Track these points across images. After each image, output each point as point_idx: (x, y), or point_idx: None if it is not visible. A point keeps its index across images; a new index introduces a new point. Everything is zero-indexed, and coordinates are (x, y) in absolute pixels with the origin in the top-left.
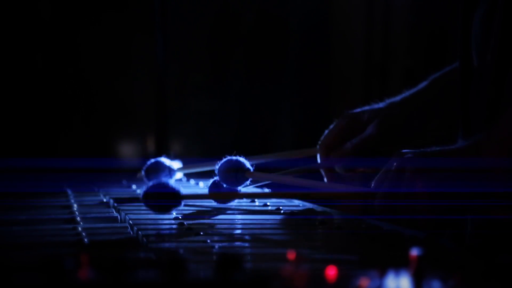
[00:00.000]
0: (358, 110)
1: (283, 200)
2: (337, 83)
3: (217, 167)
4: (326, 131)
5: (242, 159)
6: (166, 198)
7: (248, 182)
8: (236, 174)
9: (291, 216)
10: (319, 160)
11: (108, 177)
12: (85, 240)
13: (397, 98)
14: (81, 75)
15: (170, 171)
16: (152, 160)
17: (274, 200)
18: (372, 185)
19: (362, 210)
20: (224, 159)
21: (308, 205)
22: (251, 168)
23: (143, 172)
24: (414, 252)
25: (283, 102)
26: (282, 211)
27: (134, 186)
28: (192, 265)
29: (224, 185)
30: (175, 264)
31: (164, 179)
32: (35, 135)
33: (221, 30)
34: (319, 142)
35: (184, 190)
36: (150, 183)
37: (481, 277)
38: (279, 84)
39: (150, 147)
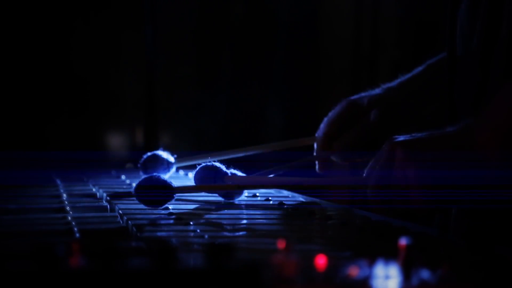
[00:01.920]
0: (357, 96)
1: (271, 191)
2: (326, 74)
3: (193, 175)
4: (325, 120)
5: (217, 164)
6: (158, 191)
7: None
8: (215, 180)
9: (281, 206)
10: (315, 150)
11: (98, 168)
12: (75, 229)
13: (393, 83)
14: (70, 68)
15: (168, 164)
16: (149, 153)
17: (262, 191)
18: (365, 174)
19: (351, 200)
20: (200, 166)
21: (297, 196)
22: (228, 172)
23: (140, 165)
24: (403, 241)
25: (272, 93)
26: (271, 202)
27: (123, 177)
28: (182, 254)
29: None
30: (165, 253)
31: (155, 173)
32: (25, 127)
33: (209, 22)
34: (319, 132)
35: (174, 182)
36: (142, 178)
37: (470, 267)
38: (268, 76)
39: (139, 139)
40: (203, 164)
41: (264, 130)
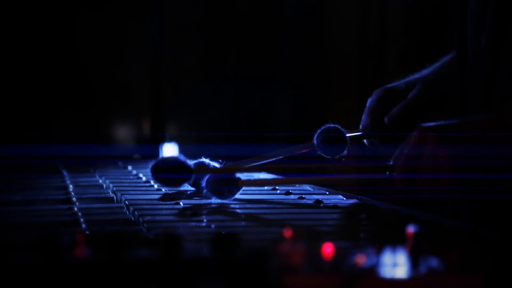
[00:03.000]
0: (393, 84)
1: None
2: (333, 63)
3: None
4: (366, 110)
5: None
6: (176, 171)
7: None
8: (228, 186)
9: (288, 195)
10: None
11: (104, 160)
12: (81, 220)
13: (425, 71)
14: (76, 60)
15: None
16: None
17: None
18: (393, 159)
19: (358, 189)
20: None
21: (305, 186)
22: (241, 177)
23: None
24: (411, 229)
25: (279, 84)
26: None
27: (130, 168)
28: (188, 243)
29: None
30: (171, 242)
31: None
32: (31, 120)
33: (215, 12)
34: (363, 122)
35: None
36: (159, 158)
37: (478, 254)
38: (275, 66)
39: (146, 130)
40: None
41: (271, 121)
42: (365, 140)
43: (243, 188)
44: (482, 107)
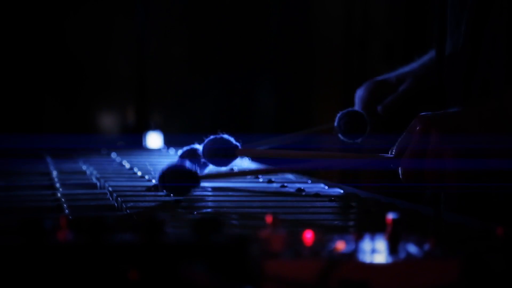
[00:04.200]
0: (382, 77)
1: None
2: (317, 55)
3: (201, 147)
4: (357, 101)
5: (227, 137)
6: (184, 179)
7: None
8: (226, 153)
9: (270, 184)
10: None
11: (88, 147)
12: (65, 205)
13: (413, 64)
14: (62, 49)
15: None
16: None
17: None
18: (394, 148)
19: (341, 177)
20: (209, 138)
21: (288, 175)
22: (239, 145)
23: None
24: (390, 216)
25: (264, 74)
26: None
27: (113, 155)
28: (170, 228)
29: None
30: (153, 226)
31: (179, 162)
32: (16, 108)
33: (201, 2)
34: None
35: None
36: (165, 166)
37: (457, 242)
38: (260, 57)
39: (130, 120)
40: (212, 137)
41: (256, 110)
42: (340, 137)
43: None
44: (462, 96)
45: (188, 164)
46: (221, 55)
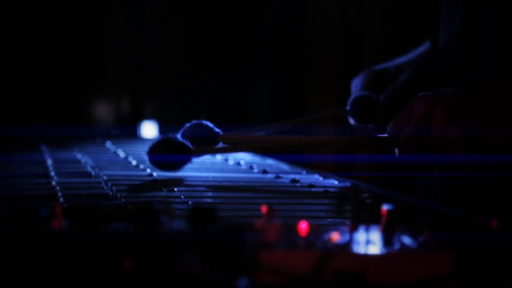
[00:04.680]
0: (381, 66)
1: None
2: (313, 47)
3: (180, 133)
4: (355, 90)
5: (208, 123)
6: (175, 152)
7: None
8: (207, 141)
9: (264, 174)
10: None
11: (83, 136)
12: (59, 194)
13: (411, 54)
14: (57, 39)
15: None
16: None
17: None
18: (388, 128)
19: (334, 168)
20: (190, 124)
21: (283, 165)
22: (220, 131)
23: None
24: (385, 207)
25: (259, 65)
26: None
27: (108, 144)
28: (164, 217)
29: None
30: (147, 216)
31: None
32: (11, 99)
33: None
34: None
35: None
36: (156, 139)
37: (450, 233)
38: (255, 49)
39: (125, 110)
40: (194, 122)
41: (251, 102)
42: (352, 121)
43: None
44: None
45: (178, 137)
46: (216, 45)
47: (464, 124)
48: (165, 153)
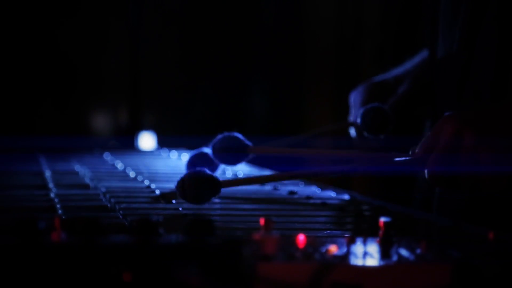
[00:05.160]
0: (379, 77)
1: None
2: (309, 57)
3: (211, 145)
4: (354, 103)
5: (238, 135)
6: (204, 186)
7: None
8: (237, 151)
9: (261, 186)
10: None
11: (81, 148)
12: (58, 206)
13: (407, 65)
14: (55, 50)
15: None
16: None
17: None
18: (417, 150)
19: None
20: (220, 136)
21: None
22: (250, 143)
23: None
24: (382, 220)
25: (257, 76)
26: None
27: (105, 155)
28: (163, 229)
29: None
30: (146, 228)
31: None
32: (8, 109)
33: (194, 3)
34: (353, 116)
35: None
36: (186, 172)
37: (448, 245)
38: (252, 59)
39: (123, 121)
40: (225, 134)
41: (248, 112)
42: (353, 132)
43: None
44: (455, 99)
45: (207, 170)
46: (214, 56)
47: (493, 142)
48: (194, 189)
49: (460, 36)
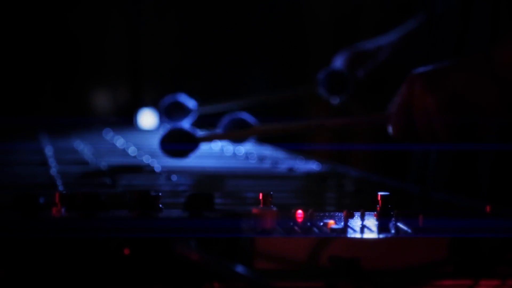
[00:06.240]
0: (360, 44)
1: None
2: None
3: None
4: (334, 66)
5: (244, 114)
6: (183, 142)
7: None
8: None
9: (261, 162)
10: None
11: (81, 125)
12: (58, 181)
13: (391, 36)
14: (56, 29)
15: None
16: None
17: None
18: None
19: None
20: (228, 117)
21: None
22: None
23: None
24: (380, 194)
25: (257, 57)
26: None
27: (105, 132)
28: (163, 204)
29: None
30: (145, 202)
31: (178, 124)
32: (10, 89)
33: None
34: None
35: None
36: (166, 129)
37: (444, 219)
38: (252, 37)
39: (124, 99)
40: (231, 114)
41: (248, 88)
42: (322, 92)
43: None
44: (453, 53)
45: (187, 127)
46: (213, 33)
47: (444, 94)
48: (174, 142)
49: (454, 9)
